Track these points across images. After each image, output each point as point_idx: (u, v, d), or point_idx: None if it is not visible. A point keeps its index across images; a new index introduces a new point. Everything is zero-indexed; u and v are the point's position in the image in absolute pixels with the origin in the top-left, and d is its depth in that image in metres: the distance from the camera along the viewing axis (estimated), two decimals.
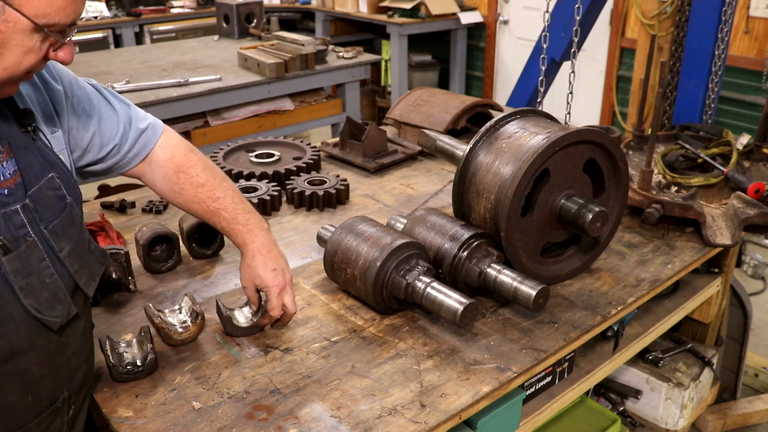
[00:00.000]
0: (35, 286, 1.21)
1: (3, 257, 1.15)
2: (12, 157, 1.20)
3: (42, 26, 1.10)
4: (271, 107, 4.25)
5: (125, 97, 1.56)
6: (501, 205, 1.68)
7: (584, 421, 2.21)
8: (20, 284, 1.18)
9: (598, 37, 5.46)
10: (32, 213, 1.20)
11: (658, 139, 2.62)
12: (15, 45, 1.10)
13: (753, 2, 4.53)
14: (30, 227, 1.19)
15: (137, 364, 1.44)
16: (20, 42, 1.10)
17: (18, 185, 1.19)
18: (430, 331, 1.62)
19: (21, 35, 1.09)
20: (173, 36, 6.36)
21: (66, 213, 1.26)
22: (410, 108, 2.90)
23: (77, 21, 1.18)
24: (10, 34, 1.08)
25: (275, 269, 1.57)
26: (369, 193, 2.40)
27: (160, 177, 1.57)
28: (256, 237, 1.60)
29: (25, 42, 1.11)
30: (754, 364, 3.15)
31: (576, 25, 2.75)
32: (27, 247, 1.18)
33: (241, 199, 1.63)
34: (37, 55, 1.14)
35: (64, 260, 1.25)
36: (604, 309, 1.73)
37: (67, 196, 1.27)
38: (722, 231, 2.09)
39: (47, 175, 1.24)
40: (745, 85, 4.74)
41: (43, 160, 1.25)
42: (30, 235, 1.18)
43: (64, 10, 1.11)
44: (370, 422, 1.32)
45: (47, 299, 1.23)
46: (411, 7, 6.02)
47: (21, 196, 1.19)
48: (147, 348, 1.45)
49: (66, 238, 1.25)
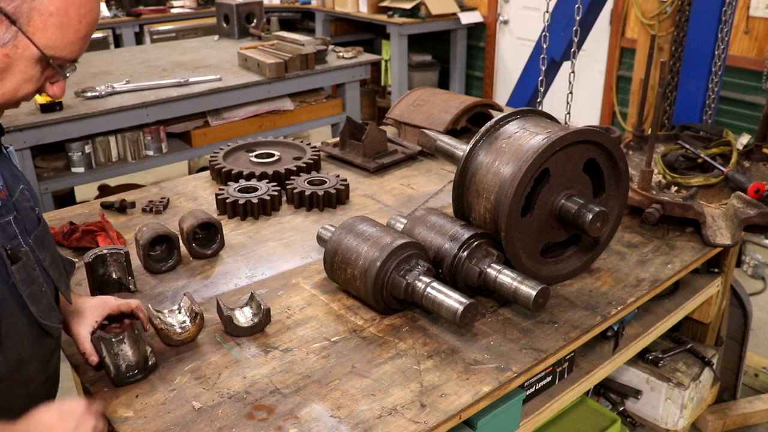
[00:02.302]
0: (37, 294, 1.23)
1: (12, 266, 1.17)
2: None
3: (48, 58, 1.12)
4: (271, 107, 4.26)
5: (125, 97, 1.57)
6: (501, 205, 1.68)
7: (584, 421, 2.21)
8: (26, 293, 1.21)
9: (598, 37, 5.46)
10: (20, 224, 1.22)
11: (658, 139, 2.62)
12: (18, 71, 1.12)
13: (753, 2, 4.53)
14: (21, 238, 1.21)
15: (137, 369, 1.42)
16: (23, 69, 1.12)
17: (7, 197, 1.21)
18: (430, 331, 1.62)
19: (26, 63, 1.11)
20: (173, 36, 6.36)
21: (42, 224, 1.30)
22: (410, 108, 2.90)
23: (78, 59, 1.20)
24: (16, 59, 1.10)
25: None
26: (369, 193, 2.40)
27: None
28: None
29: (28, 70, 1.13)
30: (754, 364, 3.15)
31: (576, 25, 2.75)
32: (25, 257, 1.20)
33: None
34: (34, 84, 1.16)
35: (47, 269, 1.28)
36: (604, 309, 1.73)
37: (36, 208, 1.30)
38: (722, 231, 2.09)
39: (19, 187, 1.27)
40: (745, 85, 4.74)
41: (12, 173, 1.28)
42: (22, 245, 1.21)
43: (72, 46, 1.14)
44: (370, 422, 1.32)
45: (45, 307, 1.26)
46: (411, 7, 6.02)
47: (11, 207, 1.22)
48: (146, 350, 1.44)
49: (45, 248, 1.29)
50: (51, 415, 1.17)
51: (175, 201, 2.33)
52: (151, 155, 3.85)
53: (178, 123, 3.96)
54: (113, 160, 3.73)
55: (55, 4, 1.08)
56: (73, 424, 1.17)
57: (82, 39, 1.15)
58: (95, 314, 1.43)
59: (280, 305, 1.72)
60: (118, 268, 1.74)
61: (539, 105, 3.04)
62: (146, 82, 3.82)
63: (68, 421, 1.17)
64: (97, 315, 1.43)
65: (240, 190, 2.25)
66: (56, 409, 1.19)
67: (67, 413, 1.18)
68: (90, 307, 1.44)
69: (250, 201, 2.18)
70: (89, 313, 1.43)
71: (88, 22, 1.14)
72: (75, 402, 1.21)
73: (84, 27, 1.14)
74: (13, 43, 1.08)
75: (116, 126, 3.59)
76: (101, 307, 1.44)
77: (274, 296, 1.76)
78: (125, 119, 3.58)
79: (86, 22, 1.13)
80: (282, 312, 1.69)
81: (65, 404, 1.20)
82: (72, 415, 1.18)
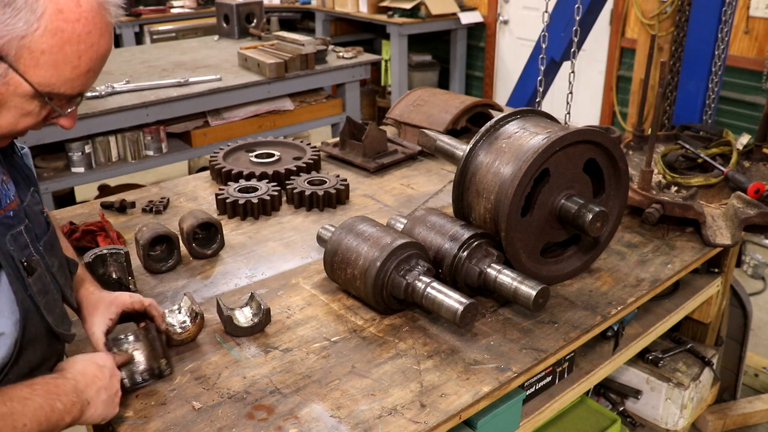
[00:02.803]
0: (51, 303, 1.23)
1: (29, 278, 1.16)
2: (11, 179, 1.21)
3: (44, 94, 1.07)
4: (271, 107, 4.26)
5: (125, 97, 1.57)
6: (501, 205, 1.68)
7: (584, 421, 2.21)
8: (42, 303, 1.21)
9: (598, 37, 5.46)
10: (31, 232, 1.21)
11: (658, 139, 2.62)
12: (13, 107, 1.07)
13: (753, 2, 4.53)
14: (32, 246, 1.20)
15: (150, 375, 1.41)
16: (18, 104, 1.07)
17: (19, 206, 1.20)
18: (430, 331, 1.62)
19: (21, 99, 1.06)
20: (173, 36, 6.36)
21: (51, 228, 1.28)
22: (410, 108, 2.90)
23: (86, 91, 1.14)
24: (9, 96, 1.05)
25: None
26: (369, 193, 2.40)
27: None
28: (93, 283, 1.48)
29: (24, 105, 1.08)
30: (754, 364, 3.15)
31: (576, 25, 2.75)
32: (38, 266, 1.20)
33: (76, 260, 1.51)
34: (35, 118, 1.11)
35: (55, 275, 1.27)
36: (604, 309, 1.73)
37: (44, 210, 1.28)
38: (722, 231, 2.09)
39: (30, 190, 1.25)
40: (745, 85, 4.74)
41: (24, 175, 1.26)
42: (33, 254, 1.20)
43: (72, 82, 1.08)
44: (370, 422, 1.32)
45: (59, 315, 1.26)
46: (411, 7, 6.02)
47: (22, 216, 1.20)
48: (159, 356, 1.42)
49: (54, 253, 1.28)
50: (90, 366, 1.26)
51: (175, 201, 2.33)
52: (151, 155, 3.85)
53: (178, 123, 3.96)
54: (113, 160, 3.73)
55: (47, 42, 1.01)
56: (108, 374, 1.26)
57: (84, 75, 1.08)
58: (109, 312, 1.41)
59: (280, 305, 1.72)
60: (118, 268, 1.74)
61: (539, 105, 3.04)
62: (146, 82, 3.82)
63: (104, 371, 1.26)
64: (111, 313, 1.41)
65: (240, 190, 2.25)
66: (92, 360, 1.27)
67: (101, 365, 1.27)
68: (104, 304, 1.42)
69: (250, 201, 2.18)
70: (103, 310, 1.41)
71: (90, 58, 1.07)
72: (104, 355, 1.30)
73: (85, 63, 1.07)
74: (3, 80, 1.03)
75: (116, 126, 3.59)
76: (114, 304, 1.42)
77: (274, 296, 1.76)
78: (125, 119, 3.58)
79: (88, 57, 1.07)
80: (282, 312, 1.69)
81: (96, 357, 1.29)
82: (106, 367, 1.27)
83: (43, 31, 1.01)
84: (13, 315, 1.16)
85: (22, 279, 1.16)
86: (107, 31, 1.09)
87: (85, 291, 1.44)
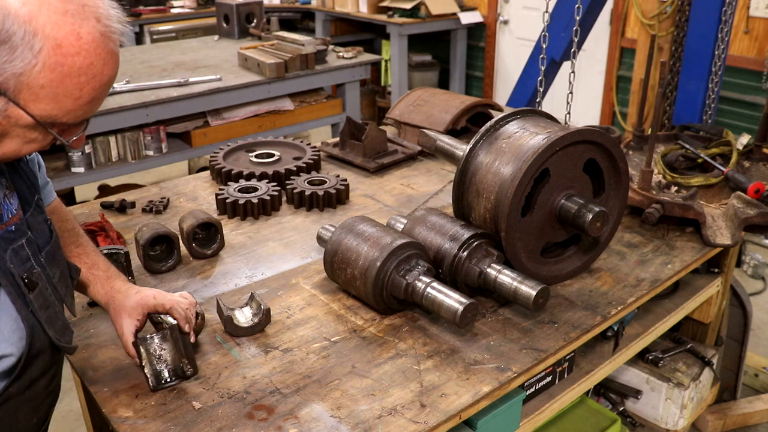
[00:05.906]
0: (52, 317, 1.23)
1: (30, 294, 1.16)
2: (14, 192, 1.20)
3: (46, 126, 1.06)
4: (271, 107, 4.26)
5: (125, 97, 1.56)
6: (501, 205, 1.68)
7: (584, 421, 2.21)
8: (43, 318, 1.20)
9: (598, 37, 5.46)
10: (33, 244, 1.20)
11: (658, 139, 2.62)
12: (15, 136, 1.07)
13: (753, 2, 4.53)
14: (33, 259, 1.19)
15: (174, 376, 1.42)
16: (21, 134, 1.07)
17: (21, 219, 1.19)
18: (430, 331, 1.62)
19: (23, 129, 1.06)
20: (173, 36, 6.36)
21: (54, 237, 1.27)
22: (410, 108, 2.90)
23: (90, 117, 1.13)
24: (11, 127, 1.05)
25: None
26: (369, 193, 2.40)
27: None
28: (119, 279, 1.50)
29: (26, 134, 1.07)
30: (754, 364, 3.15)
31: (576, 25, 2.75)
32: (39, 280, 1.19)
33: (103, 257, 1.55)
34: (38, 144, 1.11)
35: (56, 285, 1.26)
36: (604, 309, 1.73)
37: (48, 217, 1.28)
38: (722, 231, 2.09)
39: (34, 198, 1.24)
40: (745, 85, 4.74)
41: (29, 182, 1.25)
42: (34, 266, 1.19)
43: (74, 113, 1.07)
44: (370, 422, 1.32)
45: (60, 327, 1.26)
46: (411, 7, 6.02)
47: (24, 229, 1.19)
48: (180, 358, 1.42)
49: (55, 263, 1.27)
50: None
51: (175, 201, 2.33)
52: (151, 155, 3.85)
53: (178, 123, 3.96)
54: (113, 160, 3.73)
55: (46, 77, 1.00)
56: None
57: (86, 105, 1.06)
58: (136, 314, 1.42)
59: (280, 305, 1.72)
60: (118, 268, 1.74)
61: (539, 105, 3.04)
62: (146, 82, 3.82)
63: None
64: (138, 314, 1.42)
65: (240, 190, 2.25)
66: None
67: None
68: (131, 306, 1.42)
69: (250, 201, 2.18)
70: (132, 311, 1.42)
71: (93, 88, 1.05)
72: None
73: (88, 93, 1.05)
74: (4, 114, 1.02)
75: (116, 126, 3.59)
76: (140, 306, 1.43)
77: (274, 296, 1.76)
78: (125, 119, 3.57)
79: (90, 88, 1.05)
80: (282, 312, 1.69)
81: None
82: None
83: (42, 67, 0.99)
84: (14, 334, 1.16)
85: (23, 296, 1.16)
86: (111, 60, 1.06)
87: (112, 290, 1.45)
